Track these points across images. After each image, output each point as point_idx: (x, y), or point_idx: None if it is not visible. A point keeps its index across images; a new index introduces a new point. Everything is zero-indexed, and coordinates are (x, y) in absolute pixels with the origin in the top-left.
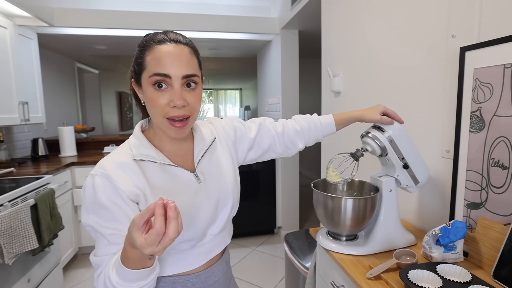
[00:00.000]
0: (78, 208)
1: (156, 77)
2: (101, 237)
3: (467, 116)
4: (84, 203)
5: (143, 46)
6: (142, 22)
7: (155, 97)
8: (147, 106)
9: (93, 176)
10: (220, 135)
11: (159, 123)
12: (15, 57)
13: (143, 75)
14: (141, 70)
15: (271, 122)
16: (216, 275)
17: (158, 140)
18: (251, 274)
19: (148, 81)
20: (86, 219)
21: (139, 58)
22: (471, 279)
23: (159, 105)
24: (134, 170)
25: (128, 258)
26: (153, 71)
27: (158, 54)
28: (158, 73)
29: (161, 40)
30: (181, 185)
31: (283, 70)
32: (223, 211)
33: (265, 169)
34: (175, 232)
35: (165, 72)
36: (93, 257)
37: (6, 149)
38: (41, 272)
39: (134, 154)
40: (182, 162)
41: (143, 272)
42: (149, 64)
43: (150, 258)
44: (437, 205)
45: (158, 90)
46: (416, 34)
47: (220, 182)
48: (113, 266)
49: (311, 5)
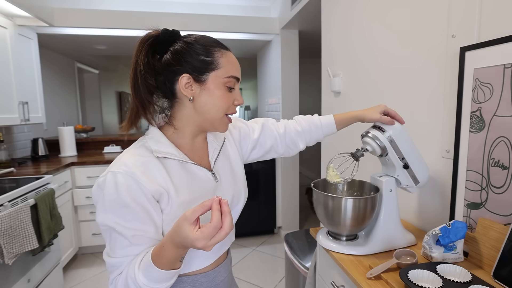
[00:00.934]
0: (78, 208)
1: (232, 79)
2: (120, 237)
3: (467, 116)
4: (102, 202)
5: (209, 46)
6: (142, 22)
7: (227, 96)
8: (207, 103)
9: (115, 174)
10: (228, 135)
11: (218, 118)
12: (15, 57)
13: (213, 73)
14: (209, 68)
15: (273, 123)
16: (222, 274)
17: (180, 137)
18: (251, 274)
19: (222, 81)
20: (103, 219)
21: (206, 57)
22: (471, 279)
23: (228, 103)
24: (157, 167)
25: (163, 258)
26: (231, 73)
27: (232, 59)
28: (235, 76)
29: (225, 46)
30: (201, 183)
31: (283, 70)
32: (235, 209)
33: (265, 169)
34: (230, 226)
35: (239, 76)
36: (109, 258)
37: (6, 149)
38: (41, 272)
39: (156, 152)
40: (200, 161)
41: (171, 273)
42: (225, 66)
43: (180, 261)
44: (437, 205)
45: (229, 91)
46: (416, 34)
47: (233, 181)
48: (139, 267)
49: (311, 5)
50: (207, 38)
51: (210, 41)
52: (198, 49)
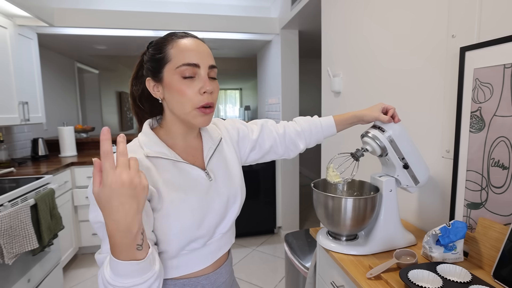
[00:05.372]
0: (78, 208)
1: (184, 67)
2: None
3: (467, 116)
4: (92, 200)
5: (161, 42)
6: (142, 22)
7: (184, 88)
8: (171, 100)
9: None
10: (225, 135)
11: (186, 113)
12: (15, 57)
13: (166, 68)
14: (162, 64)
15: (273, 124)
16: (224, 276)
17: (170, 138)
18: (251, 274)
19: (174, 72)
20: (96, 216)
21: (158, 54)
22: (471, 279)
23: (188, 94)
24: (147, 167)
25: (114, 246)
26: (181, 61)
27: (183, 46)
28: (188, 63)
29: (182, 35)
30: (193, 182)
31: (283, 70)
32: (232, 209)
33: (265, 169)
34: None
35: (194, 61)
36: (98, 255)
37: (6, 149)
38: (41, 272)
39: (146, 151)
40: (193, 160)
41: (133, 265)
42: (175, 56)
43: (138, 249)
44: (437, 205)
45: (186, 80)
46: (415, 34)
47: (229, 181)
48: (107, 262)
49: (311, 5)
50: (166, 36)
51: (165, 37)
52: (151, 49)
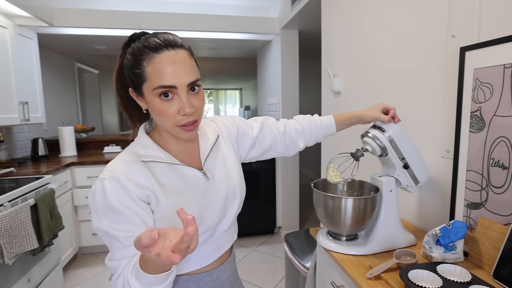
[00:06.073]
0: (78, 208)
1: (161, 89)
2: (114, 240)
3: (467, 116)
4: (94, 208)
5: (138, 55)
6: (142, 22)
7: (164, 108)
8: (154, 115)
9: (102, 180)
10: (223, 132)
11: (170, 130)
12: (15, 57)
13: (144, 86)
14: (141, 81)
15: (273, 122)
16: (226, 273)
17: (164, 141)
18: (251, 274)
19: (153, 93)
20: (98, 224)
21: (136, 68)
22: (471, 279)
23: (168, 115)
24: (142, 171)
25: (148, 265)
26: (157, 83)
27: (159, 65)
28: (164, 85)
29: (157, 46)
30: (191, 183)
31: (283, 70)
32: (232, 207)
33: (265, 169)
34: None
35: (171, 83)
36: (109, 261)
37: (6, 149)
38: (41, 272)
39: (142, 156)
40: (190, 161)
41: (162, 276)
42: (151, 76)
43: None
44: (437, 205)
45: (165, 101)
46: (415, 34)
47: (227, 179)
48: (131, 271)
49: (311, 5)
50: (142, 41)
51: (142, 46)
52: (129, 60)
